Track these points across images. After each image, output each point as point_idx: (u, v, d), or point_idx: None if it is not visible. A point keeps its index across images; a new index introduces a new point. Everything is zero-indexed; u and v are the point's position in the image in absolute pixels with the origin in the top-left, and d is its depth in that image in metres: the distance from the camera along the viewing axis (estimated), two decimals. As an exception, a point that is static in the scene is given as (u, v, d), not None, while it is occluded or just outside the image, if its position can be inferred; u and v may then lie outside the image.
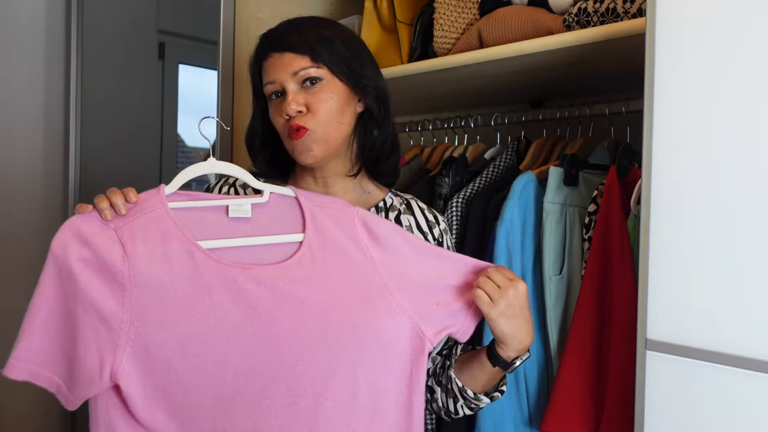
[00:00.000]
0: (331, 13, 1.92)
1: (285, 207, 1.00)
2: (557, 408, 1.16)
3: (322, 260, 0.95)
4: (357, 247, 0.97)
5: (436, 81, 1.52)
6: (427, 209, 1.15)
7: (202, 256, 0.91)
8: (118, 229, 0.91)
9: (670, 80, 0.91)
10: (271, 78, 1.04)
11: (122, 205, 0.91)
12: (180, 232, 0.92)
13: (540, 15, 1.30)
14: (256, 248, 0.95)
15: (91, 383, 0.87)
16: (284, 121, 1.04)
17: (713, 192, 0.87)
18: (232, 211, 0.97)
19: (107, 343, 0.88)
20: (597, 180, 1.32)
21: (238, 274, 0.91)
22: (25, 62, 1.95)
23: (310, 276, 0.94)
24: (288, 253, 0.96)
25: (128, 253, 0.89)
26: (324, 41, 1.04)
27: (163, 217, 0.93)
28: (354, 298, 0.93)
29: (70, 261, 0.88)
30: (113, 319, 0.88)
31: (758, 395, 0.84)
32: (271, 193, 1.00)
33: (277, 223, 0.98)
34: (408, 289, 0.97)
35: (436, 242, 1.11)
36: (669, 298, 0.91)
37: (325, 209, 1.00)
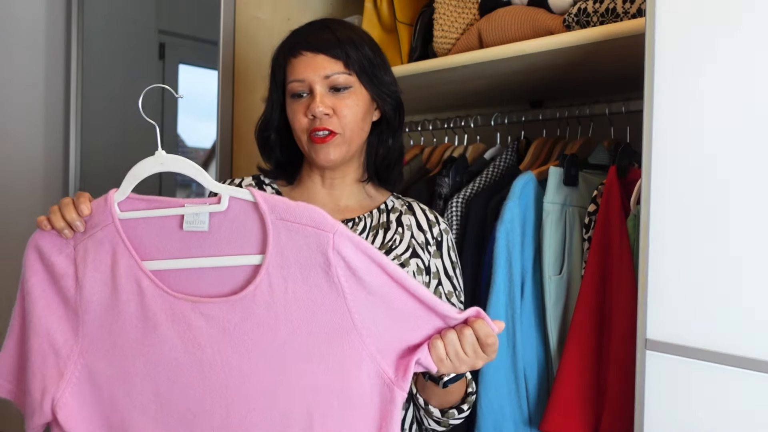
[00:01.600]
0: (332, 13, 1.92)
1: (246, 217, 0.85)
2: (557, 408, 1.16)
3: (282, 292, 0.82)
4: (327, 277, 0.82)
5: (436, 81, 1.52)
6: (428, 210, 1.15)
7: (148, 285, 0.83)
8: (76, 246, 0.86)
9: (670, 80, 0.91)
10: (300, 77, 1.04)
11: (80, 222, 0.86)
12: (128, 252, 0.84)
13: (540, 15, 1.30)
14: (209, 271, 0.85)
15: (33, 413, 0.84)
16: (308, 121, 1.04)
17: (713, 192, 0.87)
18: (187, 223, 0.85)
19: (53, 371, 0.84)
20: (597, 180, 1.32)
21: (187, 309, 0.83)
22: (25, 62, 1.95)
23: (267, 312, 0.82)
24: (244, 278, 0.84)
25: (79, 278, 0.85)
26: (357, 47, 1.06)
27: (113, 234, 0.85)
28: (316, 341, 0.82)
29: (31, 284, 0.86)
30: (65, 346, 0.84)
31: (758, 395, 0.84)
32: (230, 197, 0.85)
33: (237, 237, 0.85)
34: (380, 332, 0.83)
35: (435, 241, 1.11)
36: (669, 298, 0.91)
37: (293, 225, 0.83)
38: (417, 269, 1.07)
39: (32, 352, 0.84)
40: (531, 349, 1.28)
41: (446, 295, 1.09)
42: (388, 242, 1.08)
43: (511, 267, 1.26)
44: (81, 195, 0.88)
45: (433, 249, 1.10)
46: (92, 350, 0.84)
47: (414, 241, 1.09)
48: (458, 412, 1.02)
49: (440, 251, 1.11)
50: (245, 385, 0.82)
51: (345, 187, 1.13)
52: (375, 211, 1.12)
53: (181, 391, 0.83)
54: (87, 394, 0.84)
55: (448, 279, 1.10)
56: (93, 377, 0.84)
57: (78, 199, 0.87)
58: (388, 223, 1.11)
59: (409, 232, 1.10)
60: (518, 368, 1.25)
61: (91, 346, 0.84)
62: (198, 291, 0.84)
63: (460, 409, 1.03)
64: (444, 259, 1.11)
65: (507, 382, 1.24)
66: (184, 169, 0.87)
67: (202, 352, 0.82)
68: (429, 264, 1.09)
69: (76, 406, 0.83)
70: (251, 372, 0.82)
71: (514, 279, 1.26)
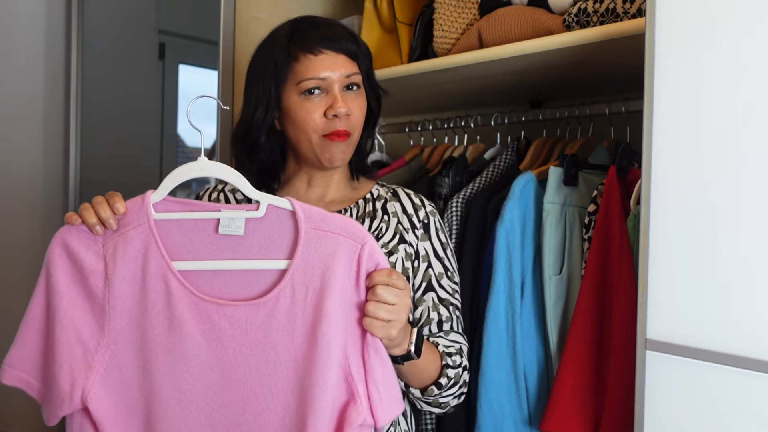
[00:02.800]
0: (332, 13, 1.92)
1: (281, 224, 0.89)
2: (557, 408, 1.16)
3: (302, 299, 0.86)
4: (343, 288, 0.86)
5: (436, 81, 1.52)
6: (413, 194, 1.14)
7: (176, 285, 0.87)
8: (106, 244, 0.88)
9: (670, 80, 0.91)
10: (320, 74, 1.02)
11: (113, 220, 0.88)
12: (159, 252, 0.88)
13: (540, 15, 1.31)
14: (237, 274, 0.88)
15: (62, 403, 0.87)
16: (325, 121, 1.03)
17: (713, 192, 0.87)
18: (223, 227, 0.89)
19: (81, 364, 0.87)
20: (597, 180, 1.32)
21: (212, 310, 0.87)
22: (25, 62, 1.95)
23: (287, 318, 0.86)
24: (270, 282, 0.88)
25: (109, 274, 0.87)
26: (364, 47, 1.08)
27: (147, 233, 0.88)
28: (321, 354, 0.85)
29: (57, 278, 0.87)
30: (91, 339, 0.87)
31: (758, 395, 0.84)
32: (268, 205, 0.89)
33: (268, 242, 0.89)
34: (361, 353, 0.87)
35: (422, 223, 1.10)
36: (669, 298, 0.91)
37: (325, 234, 0.87)
38: (405, 255, 1.07)
39: (58, 344, 0.87)
40: (531, 349, 1.28)
41: (437, 277, 1.08)
42: (375, 231, 1.08)
43: (511, 267, 1.26)
44: (114, 194, 0.90)
45: (420, 232, 1.09)
46: (118, 343, 0.88)
47: (401, 226, 1.09)
48: (437, 387, 1.02)
49: (428, 233, 1.10)
50: (262, 385, 0.86)
51: (332, 184, 1.13)
52: (361, 201, 1.12)
53: (201, 387, 0.87)
54: (114, 384, 0.88)
55: (439, 260, 1.09)
56: (120, 369, 0.88)
57: (112, 198, 0.89)
58: (374, 211, 1.11)
59: (395, 218, 1.10)
60: (518, 368, 1.25)
61: (118, 339, 0.87)
62: (225, 293, 0.88)
63: (438, 384, 1.01)
64: (433, 240, 1.10)
65: (507, 382, 1.24)
66: (224, 176, 0.90)
67: (225, 352, 0.87)
68: (417, 247, 1.09)
69: (104, 395, 0.87)
70: (268, 373, 0.86)
71: (514, 279, 1.26)
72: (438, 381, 1.02)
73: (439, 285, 1.08)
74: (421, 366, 0.99)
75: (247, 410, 0.86)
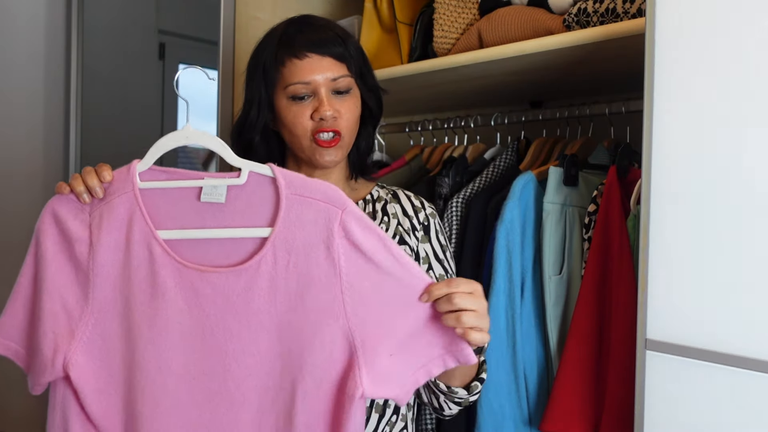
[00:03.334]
0: (332, 13, 1.92)
1: (262, 191, 0.89)
2: (557, 408, 1.16)
3: (284, 266, 0.86)
4: (327, 253, 0.85)
5: (436, 81, 1.52)
6: (413, 196, 1.15)
7: (160, 252, 0.87)
8: (92, 212, 0.89)
9: (670, 80, 0.91)
10: (306, 79, 1.02)
11: (99, 188, 0.89)
12: (144, 220, 0.88)
13: (540, 15, 1.30)
14: (220, 241, 0.88)
15: (44, 370, 0.87)
16: (313, 123, 1.03)
17: (713, 192, 0.87)
18: (205, 194, 0.89)
19: (64, 330, 0.87)
20: (597, 180, 1.32)
21: (195, 277, 0.87)
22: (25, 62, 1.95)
23: (269, 284, 0.86)
24: (251, 250, 0.87)
25: (93, 242, 0.88)
26: (355, 46, 1.06)
27: (131, 201, 0.89)
28: (308, 319, 0.85)
29: (45, 247, 0.88)
30: (75, 308, 0.88)
31: (758, 395, 0.84)
32: (250, 172, 0.89)
33: (251, 210, 0.89)
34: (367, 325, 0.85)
35: (422, 225, 1.11)
36: (669, 298, 0.91)
37: (306, 200, 0.87)
38: None
39: (43, 311, 0.87)
40: (531, 349, 1.28)
41: (437, 279, 1.09)
42: None
43: (511, 267, 1.26)
44: (103, 165, 0.91)
45: (421, 234, 1.10)
46: (102, 312, 0.88)
47: (401, 228, 1.09)
48: (480, 383, 1.01)
49: (428, 236, 1.11)
50: (244, 352, 0.86)
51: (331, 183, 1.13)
52: (360, 202, 1.12)
53: (183, 355, 0.87)
54: (96, 353, 0.88)
55: (439, 263, 1.10)
56: (102, 337, 0.88)
57: (100, 168, 0.90)
58: (374, 213, 1.11)
59: (395, 219, 1.10)
60: (518, 368, 1.25)
61: (101, 307, 0.88)
62: (207, 260, 0.88)
63: (480, 379, 1.01)
64: (433, 243, 1.11)
65: (507, 382, 1.24)
66: (208, 144, 0.90)
67: (206, 318, 0.87)
68: (417, 249, 1.09)
69: (85, 363, 0.87)
70: (250, 340, 0.86)
71: (514, 279, 1.26)
72: (480, 375, 1.01)
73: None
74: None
75: (228, 377, 0.86)
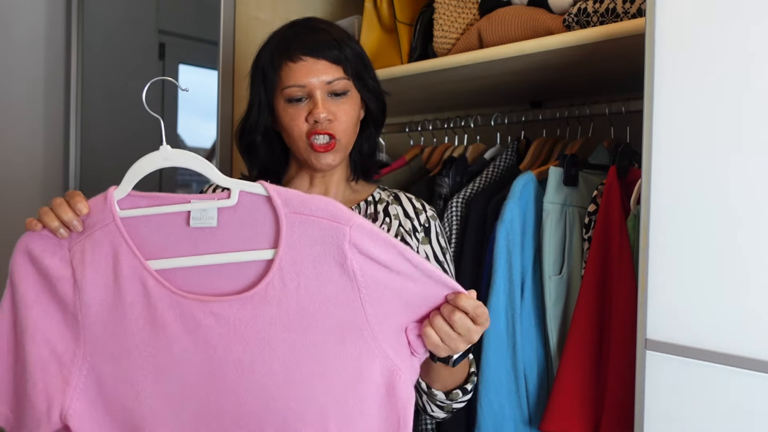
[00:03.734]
0: (332, 13, 1.92)
1: (258, 210, 0.83)
2: (557, 408, 1.16)
3: (294, 288, 0.80)
4: (342, 270, 0.80)
5: (436, 81, 1.52)
6: (414, 198, 1.15)
7: (154, 285, 0.81)
8: (72, 248, 0.82)
9: (670, 80, 0.91)
10: (300, 82, 1.02)
11: (77, 221, 0.82)
12: (131, 252, 0.81)
13: (540, 15, 1.30)
14: (219, 268, 0.82)
15: (39, 425, 0.81)
16: (308, 126, 1.04)
17: (713, 192, 0.87)
18: (194, 219, 0.82)
19: (56, 380, 0.81)
20: (597, 180, 1.32)
21: (196, 308, 0.80)
22: (25, 62, 1.95)
23: (279, 310, 0.80)
24: (255, 274, 0.81)
25: (78, 280, 0.81)
26: (352, 49, 1.05)
27: (114, 232, 0.81)
28: (328, 338, 0.80)
29: (23, 290, 0.81)
30: (66, 352, 0.81)
31: (758, 395, 0.84)
32: (240, 192, 0.83)
33: (247, 232, 0.82)
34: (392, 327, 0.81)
35: (423, 227, 1.11)
36: (669, 298, 0.91)
37: (308, 218, 0.81)
38: None
39: (31, 361, 0.80)
40: (531, 349, 1.27)
41: None
42: None
43: (511, 267, 1.26)
44: (74, 194, 0.83)
45: (422, 235, 1.10)
46: (96, 354, 0.81)
47: (402, 229, 1.10)
48: (462, 393, 1.02)
49: (429, 237, 1.11)
50: (257, 384, 0.80)
51: (332, 185, 1.13)
52: (362, 204, 1.13)
53: (193, 391, 0.81)
54: (95, 399, 0.81)
55: (438, 264, 1.10)
56: (99, 381, 0.81)
57: (72, 199, 0.83)
58: (376, 214, 1.11)
59: (397, 221, 1.10)
60: (518, 368, 1.25)
61: (95, 349, 0.81)
62: (207, 289, 0.82)
63: (464, 389, 1.02)
64: (433, 244, 1.11)
65: (507, 382, 1.24)
66: (190, 164, 0.83)
67: (214, 351, 0.80)
68: (418, 250, 1.09)
69: (85, 411, 0.81)
70: (263, 371, 0.80)
71: (514, 279, 1.26)
72: (464, 386, 1.02)
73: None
74: (460, 369, 1.00)
75: (244, 412, 0.80)
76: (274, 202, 0.82)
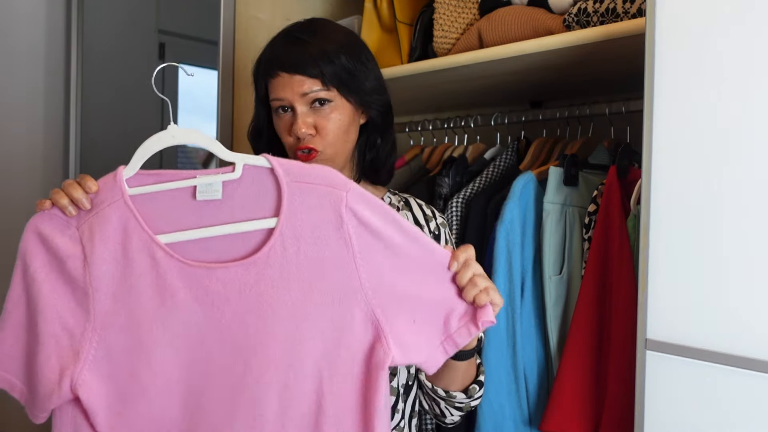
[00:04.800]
0: (332, 13, 1.92)
1: (261, 182, 0.87)
2: (557, 408, 1.16)
3: (294, 253, 0.85)
4: (338, 234, 0.84)
5: (436, 81, 1.52)
6: (425, 205, 1.16)
7: (163, 256, 0.84)
8: (80, 227, 0.85)
9: (670, 80, 0.91)
10: (279, 96, 1.03)
11: (85, 199, 0.84)
12: (140, 227, 0.85)
13: (540, 15, 1.30)
14: (224, 238, 0.86)
15: (51, 394, 0.83)
16: (292, 140, 1.04)
17: (713, 192, 0.87)
18: (200, 193, 0.86)
19: (68, 352, 0.83)
20: (597, 180, 1.32)
21: (203, 275, 0.84)
22: (25, 62, 1.95)
23: (280, 273, 0.85)
24: (259, 242, 0.86)
25: (87, 256, 0.84)
26: (332, 60, 1.02)
27: (123, 209, 0.85)
28: (325, 300, 0.85)
29: (34, 268, 0.84)
30: (77, 327, 0.84)
31: (758, 395, 0.84)
32: (244, 165, 0.87)
33: (251, 202, 0.87)
34: (386, 296, 0.85)
35: (432, 235, 1.12)
36: (669, 298, 0.91)
37: (307, 186, 0.86)
38: None
39: (43, 336, 0.84)
40: (531, 349, 1.28)
41: None
42: None
43: (511, 267, 1.26)
44: (84, 176, 0.87)
45: None
46: (106, 326, 0.84)
47: None
48: (479, 386, 1.03)
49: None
50: (261, 345, 0.84)
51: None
52: None
53: (202, 354, 0.85)
54: (104, 370, 0.84)
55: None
56: (110, 352, 0.85)
57: (83, 179, 0.86)
58: None
59: None
60: (518, 368, 1.25)
61: (105, 322, 0.84)
62: (215, 258, 0.86)
63: (479, 382, 1.03)
64: None
65: (507, 381, 1.24)
66: (196, 141, 0.88)
67: (222, 315, 0.84)
68: None
69: (94, 382, 0.84)
70: (266, 332, 0.84)
71: (514, 279, 1.26)
72: (478, 378, 1.04)
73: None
74: (472, 363, 1.02)
75: (248, 372, 0.84)
76: (276, 173, 0.86)
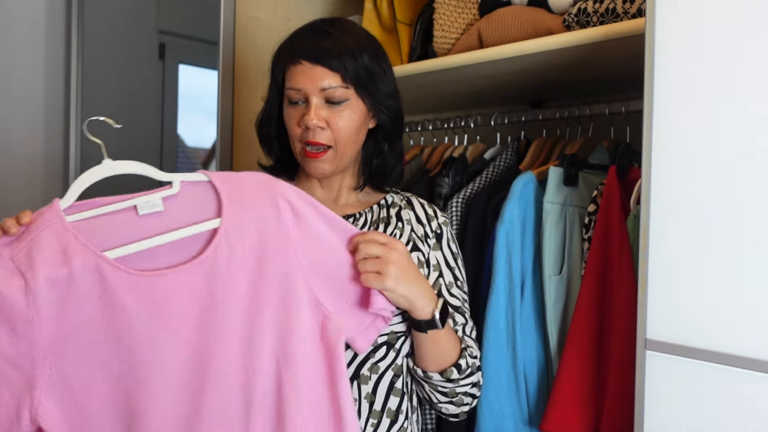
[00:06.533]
0: (332, 13, 1.92)
1: (199, 193, 0.90)
2: (557, 408, 1.16)
3: (240, 249, 0.88)
4: (279, 226, 0.90)
5: (436, 81, 1.52)
6: (427, 204, 1.16)
7: (110, 269, 0.83)
8: (15, 257, 0.82)
9: (670, 80, 0.91)
10: (297, 86, 1.03)
11: (12, 225, 0.83)
12: (82, 246, 0.83)
13: (540, 15, 1.30)
14: (170, 246, 0.86)
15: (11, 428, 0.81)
16: (301, 131, 1.04)
17: (713, 192, 0.87)
18: (141, 208, 0.88)
19: (20, 385, 0.81)
20: (597, 180, 1.32)
21: (153, 282, 0.84)
22: (25, 62, 1.95)
23: (228, 271, 0.86)
24: (204, 242, 0.88)
25: (29, 282, 0.81)
26: (356, 57, 1.02)
27: (62, 232, 0.83)
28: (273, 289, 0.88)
29: None
30: (23, 359, 0.81)
31: (758, 395, 0.84)
32: (182, 181, 0.90)
33: (193, 209, 0.89)
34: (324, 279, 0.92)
35: (434, 233, 1.11)
36: (669, 298, 0.91)
37: (244, 189, 0.91)
38: (417, 262, 1.07)
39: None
40: (531, 349, 1.27)
41: (447, 286, 1.10)
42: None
43: (511, 267, 1.26)
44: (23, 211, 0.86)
45: (433, 242, 1.11)
46: (57, 351, 0.82)
47: (414, 234, 1.10)
48: (458, 370, 1.01)
49: (440, 243, 1.11)
50: (219, 344, 0.85)
51: (343, 188, 1.13)
52: (375, 207, 1.13)
53: (161, 362, 0.84)
54: (62, 394, 0.83)
55: (450, 270, 1.11)
56: (64, 376, 0.83)
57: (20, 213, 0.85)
58: (388, 218, 1.11)
59: (409, 226, 1.10)
60: (518, 368, 1.25)
61: (54, 347, 0.82)
62: (164, 265, 0.86)
63: (458, 366, 1.01)
64: (444, 250, 1.11)
65: (507, 381, 1.24)
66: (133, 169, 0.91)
67: (176, 321, 0.85)
68: (429, 256, 1.10)
69: (55, 409, 0.82)
70: (223, 331, 0.86)
71: (514, 279, 1.26)
72: (458, 362, 1.02)
73: (450, 294, 1.09)
74: (443, 340, 1.00)
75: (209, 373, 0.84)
76: (214, 183, 0.91)
